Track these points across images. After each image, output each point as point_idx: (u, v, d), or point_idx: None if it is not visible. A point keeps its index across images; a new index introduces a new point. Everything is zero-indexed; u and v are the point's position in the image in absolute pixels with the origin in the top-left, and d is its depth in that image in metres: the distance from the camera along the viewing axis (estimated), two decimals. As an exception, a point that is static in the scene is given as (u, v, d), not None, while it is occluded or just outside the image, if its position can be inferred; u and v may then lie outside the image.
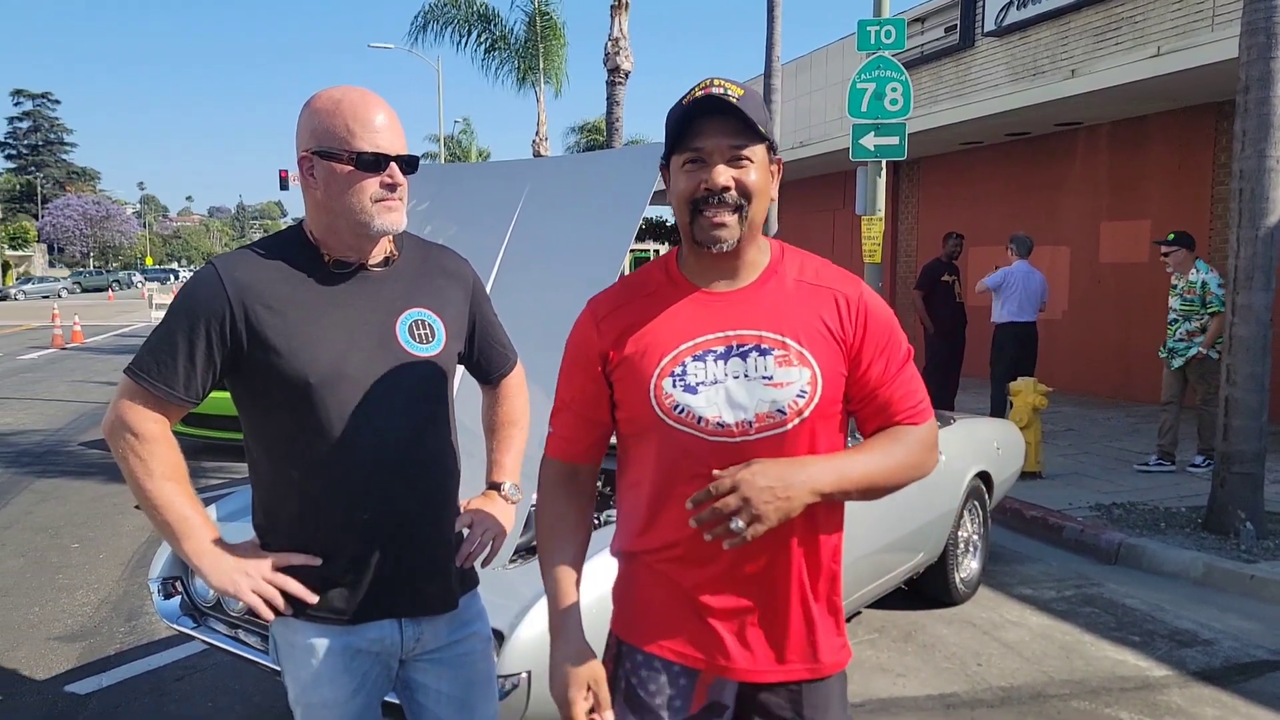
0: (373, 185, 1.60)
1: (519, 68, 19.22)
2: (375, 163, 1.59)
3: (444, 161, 29.84)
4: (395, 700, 1.84)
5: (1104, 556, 5.29)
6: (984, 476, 4.72)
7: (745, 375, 1.45)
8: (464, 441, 1.86)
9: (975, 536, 4.71)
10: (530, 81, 19.13)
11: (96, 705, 3.53)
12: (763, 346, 1.46)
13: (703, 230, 1.44)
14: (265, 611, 1.59)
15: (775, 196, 1.52)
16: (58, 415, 10.21)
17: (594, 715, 1.49)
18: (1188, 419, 7.10)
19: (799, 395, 1.44)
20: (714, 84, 1.42)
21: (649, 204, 3.09)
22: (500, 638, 2.39)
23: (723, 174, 1.42)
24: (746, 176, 1.43)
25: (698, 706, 1.54)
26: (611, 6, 12.75)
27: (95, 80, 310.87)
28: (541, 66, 18.64)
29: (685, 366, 1.46)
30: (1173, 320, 6.87)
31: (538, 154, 17.90)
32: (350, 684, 1.69)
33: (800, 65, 17.33)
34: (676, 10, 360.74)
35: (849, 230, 14.13)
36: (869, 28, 7.18)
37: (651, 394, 1.47)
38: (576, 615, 1.53)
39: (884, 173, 7.57)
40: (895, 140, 7.19)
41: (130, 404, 1.58)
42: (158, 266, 74.98)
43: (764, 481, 1.32)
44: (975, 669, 3.84)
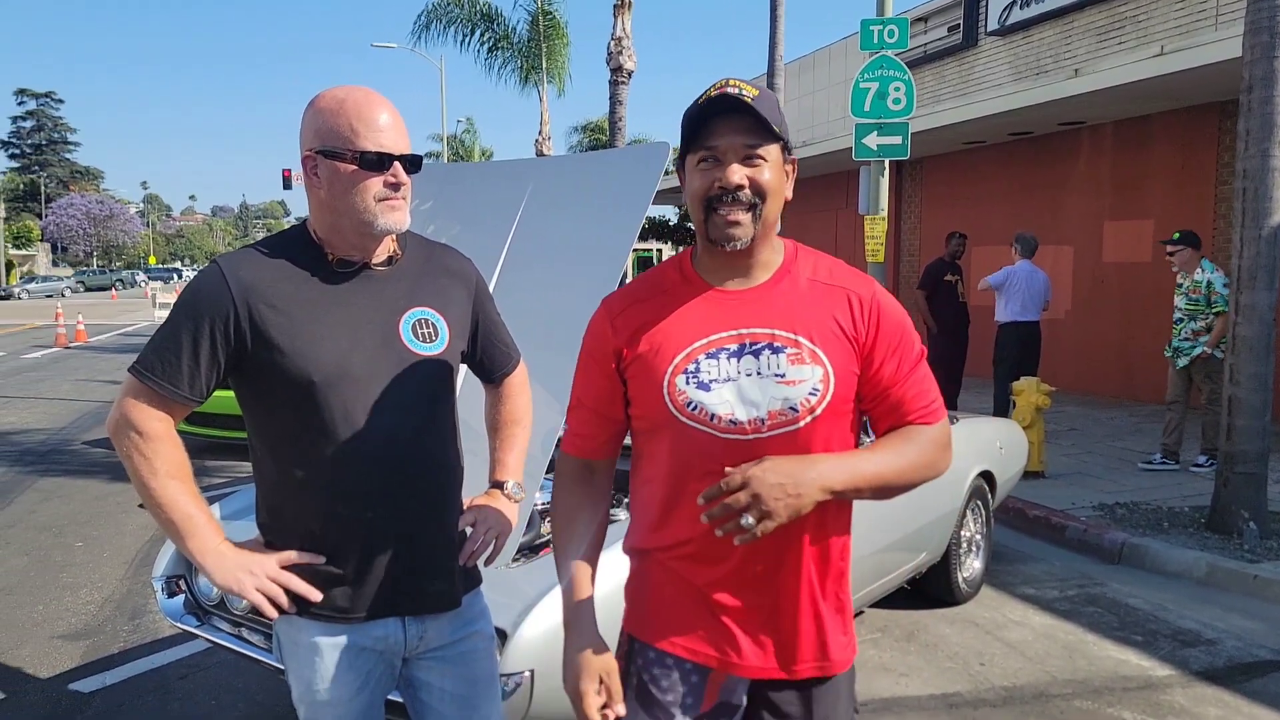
0: (376, 184, 1.61)
1: (522, 67, 19.24)
2: (379, 162, 1.60)
3: (447, 161, 29.83)
4: (399, 699, 1.84)
5: (1107, 556, 5.29)
6: (987, 476, 4.73)
7: (758, 373, 1.46)
8: (467, 440, 1.86)
9: (978, 536, 4.71)
10: (533, 81, 19.15)
11: (100, 703, 3.54)
12: (776, 344, 1.47)
13: (717, 228, 1.45)
14: (269, 609, 1.60)
15: (790, 196, 1.52)
16: (61, 414, 10.22)
17: (606, 710, 1.50)
18: (1193, 418, 7.09)
19: (811, 393, 1.45)
20: (729, 84, 1.43)
21: (652, 203, 3.09)
22: (503, 636, 2.39)
23: (736, 172, 1.42)
24: (760, 175, 1.44)
25: (709, 704, 1.54)
26: (614, 6, 12.74)
27: (98, 80, 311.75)
28: (544, 66, 18.65)
29: (699, 364, 1.47)
30: (1178, 319, 6.87)
31: (540, 153, 17.91)
32: (354, 682, 1.69)
33: (803, 65, 17.34)
34: (679, 10, 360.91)
35: (851, 230, 14.12)
36: (872, 27, 7.18)
37: (665, 391, 1.48)
38: (590, 609, 1.54)
39: (887, 172, 7.56)
40: (898, 140, 7.19)
41: (135, 402, 1.59)
42: (161, 266, 75.13)
43: (775, 478, 1.33)
44: (978, 669, 3.84)
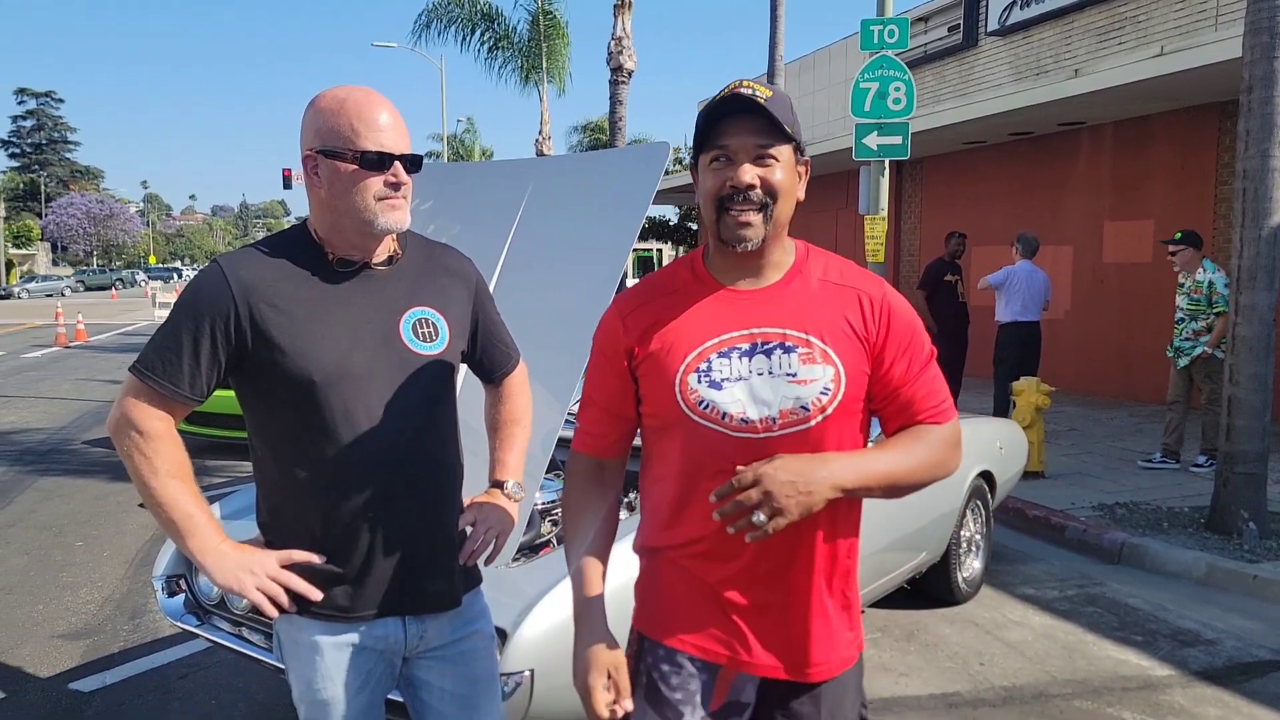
0: (376, 184, 1.61)
1: (522, 66, 19.25)
2: (379, 161, 1.60)
3: (447, 160, 29.83)
4: (399, 698, 1.84)
5: (1107, 556, 5.29)
6: (987, 476, 4.73)
7: (770, 372, 1.47)
8: (467, 440, 1.87)
9: (978, 536, 4.71)
10: (533, 80, 19.15)
11: (100, 703, 3.54)
12: (787, 344, 1.48)
13: (728, 229, 1.46)
14: (269, 609, 1.60)
15: (802, 197, 1.53)
16: (61, 414, 10.23)
17: (615, 705, 1.50)
18: (1193, 419, 7.09)
19: (823, 392, 1.46)
20: (743, 85, 1.44)
21: (652, 203, 3.09)
22: (503, 636, 2.39)
23: (748, 172, 1.43)
24: (772, 175, 1.45)
25: (718, 702, 1.55)
26: (614, 5, 12.75)
27: (98, 80, 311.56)
28: (544, 65, 18.66)
29: (710, 363, 1.48)
30: (1179, 319, 6.87)
31: (541, 153, 17.91)
32: (354, 681, 1.69)
33: (804, 65, 17.34)
34: (680, 9, 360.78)
35: (852, 229, 14.12)
36: (872, 27, 7.18)
37: (677, 390, 1.48)
38: (601, 605, 1.55)
39: (887, 172, 7.56)
40: (898, 140, 7.19)
41: (135, 402, 1.59)
42: (161, 265, 75.14)
43: (786, 476, 1.33)
44: (978, 668, 3.84)
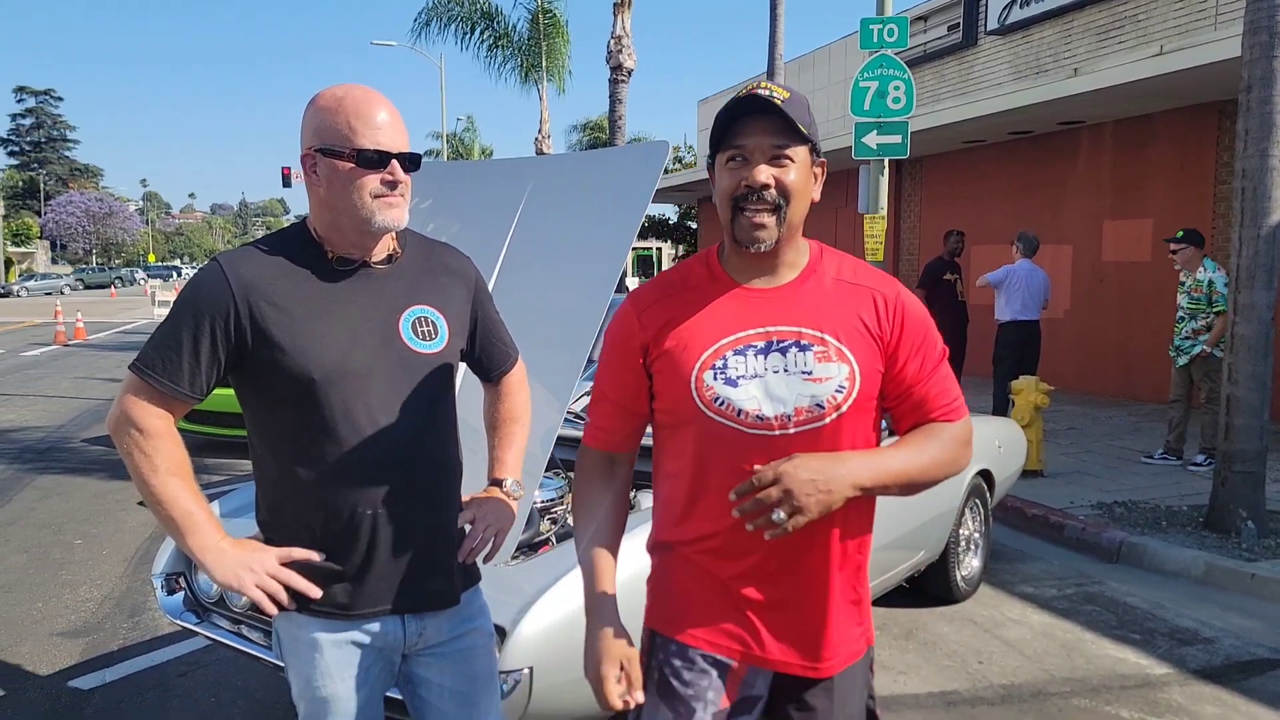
0: (374, 182, 1.61)
1: (522, 65, 19.25)
2: (376, 160, 1.60)
3: (447, 159, 29.82)
4: (398, 695, 1.85)
5: (1105, 555, 5.30)
6: (985, 475, 4.73)
7: (785, 370, 1.48)
8: (466, 439, 1.87)
9: (976, 534, 4.72)
10: (533, 79, 19.15)
11: (99, 701, 3.54)
12: (802, 342, 1.49)
13: (743, 230, 1.47)
14: (269, 606, 1.60)
15: (817, 198, 1.54)
16: (60, 412, 10.22)
17: (626, 697, 1.51)
18: (1192, 417, 7.10)
19: (837, 390, 1.47)
20: (760, 85, 1.45)
21: (652, 202, 3.10)
22: (502, 634, 2.39)
23: (763, 172, 1.45)
24: (786, 176, 1.46)
25: (731, 698, 1.56)
26: (614, 4, 12.76)
27: (97, 78, 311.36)
28: (544, 64, 18.66)
29: (726, 360, 1.49)
30: (1180, 318, 6.88)
31: (540, 152, 17.90)
32: (353, 679, 1.70)
33: (803, 64, 17.35)
34: (679, 9, 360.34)
35: (851, 228, 14.11)
36: (872, 26, 7.18)
37: (692, 386, 1.49)
38: (612, 597, 1.56)
39: (886, 171, 7.56)
40: (898, 139, 7.19)
41: (135, 400, 1.59)
42: (160, 263, 75.05)
43: (806, 474, 1.35)
44: (976, 667, 3.85)
